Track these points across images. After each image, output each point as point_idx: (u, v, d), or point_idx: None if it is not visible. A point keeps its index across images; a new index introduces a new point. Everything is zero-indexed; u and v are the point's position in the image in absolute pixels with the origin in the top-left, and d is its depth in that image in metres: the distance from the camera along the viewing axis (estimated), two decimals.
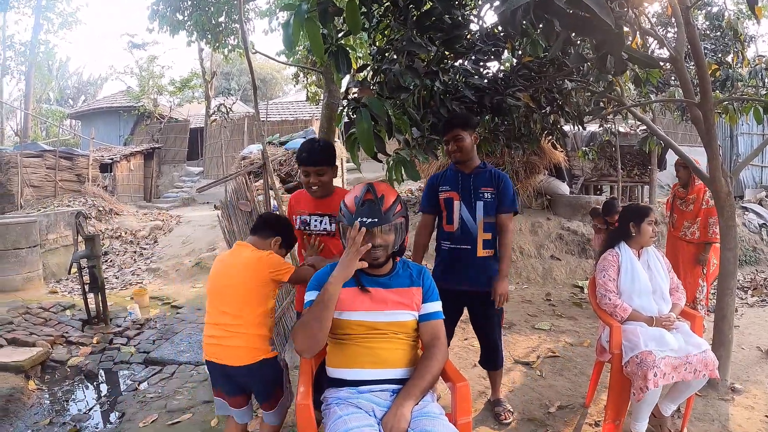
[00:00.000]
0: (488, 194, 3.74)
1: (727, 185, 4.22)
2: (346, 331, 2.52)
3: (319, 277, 2.63)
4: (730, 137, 13.92)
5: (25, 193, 13.81)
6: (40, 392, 5.17)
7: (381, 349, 2.51)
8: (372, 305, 2.54)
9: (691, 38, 3.88)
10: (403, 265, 2.72)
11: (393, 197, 2.55)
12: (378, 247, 2.49)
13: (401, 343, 2.55)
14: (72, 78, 42.96)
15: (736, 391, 4.28)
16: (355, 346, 2.53)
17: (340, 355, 2.57)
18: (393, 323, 2.53)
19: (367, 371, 2.49)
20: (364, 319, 2.50)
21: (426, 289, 2.66)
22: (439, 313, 2.64)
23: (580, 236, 9.01)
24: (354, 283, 2.56)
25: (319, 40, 2.54)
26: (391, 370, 2.51)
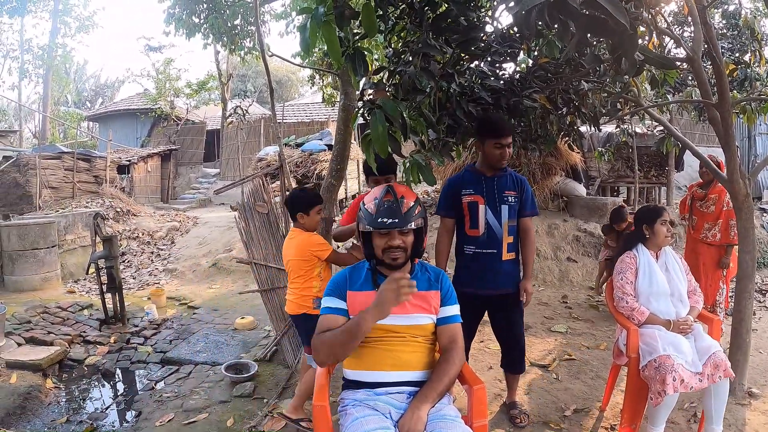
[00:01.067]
0: (512, 198, 3.77)
1: (745, 187, 4.18)
2: (368, 334, 2.48)
3: (337, 281, 2.64)
4: (748, 138, 13.81)
5: (44, 195, 13.93)
6: (57, 390, 5.23)
7: (400, 351, 2.52)
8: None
9: (708, 38, 3.85)
10: (421, 268, 2.72)
11: (413, 199, 2.57)
12: (397, 248, 2.50)
13: (420, 346, 2.56)
14: (89, 81, 43.37)
15: (754, 395, 4.23)
16: (374, 349, 2.53)
17: (359, 357, 2.56)
18: (412, 327, 2.54)
19: (386, 373, 2.51)
20: (384, 323, 2.45)
21: (444, 292, 2.66)
22: (457, 317, 2.64)
23: (597, 238, 8.94)
24: (372, 286, 2.57)
25: (335, 43, 2.54)
26: (410, 372, 2.52)
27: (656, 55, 2.67)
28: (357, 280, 2.64)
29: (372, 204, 2.55)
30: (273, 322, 5.46)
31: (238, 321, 6.63)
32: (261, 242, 5.42)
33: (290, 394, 4.56)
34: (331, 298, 2.58)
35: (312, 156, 14.69)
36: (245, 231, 5.41)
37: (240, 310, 7.41)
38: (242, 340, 6.17)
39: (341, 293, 2.58)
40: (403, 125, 2.77)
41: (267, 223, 5.42)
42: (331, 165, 5.22)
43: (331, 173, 5.19)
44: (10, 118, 35.31)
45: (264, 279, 5.42)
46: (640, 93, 4.85)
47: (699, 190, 5.99)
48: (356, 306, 2.52)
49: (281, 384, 4.79)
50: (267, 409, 4.33)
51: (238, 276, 9.54)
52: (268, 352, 5.43)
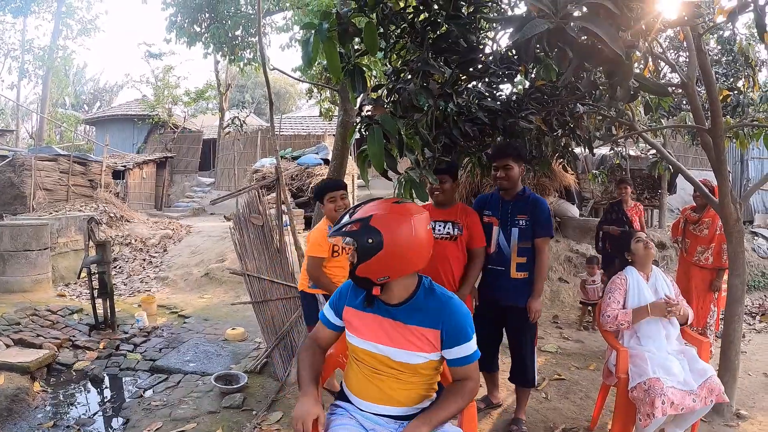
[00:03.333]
0: (523, 221, 4.01)
1: (736, 211, 4.24)
2: (358, 354, 2.36)
3: (339, 292, 2.46)
4: (740, 162, 13.91)
5: (38, 196, 13.90)
6: (44, 394, 5.20)
7: (387, 386, 2.31)
8: (377, 337, 2.29)
9: (702, 65, 3.92)
10: (426, 295, 2.32)
11: (358, 215, 2.23)
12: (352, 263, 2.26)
13: (412, 384, 2.32)
14: (88, 84, 43.36)
15: (742, 417, 4.26)
16: (364, 375, 2.35)
17: (352, 377, 2.44)
18: (400, 364, 2.27)
19: (373, 405, 2.34)
20: (371, 350, 2.29)
21: (452, 332, 2.25)
22: (473, 356, 2.28)
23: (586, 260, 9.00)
24: (364, 307, 2.32)
25: (336, 59, 2.59)
26: (397, 408, 2.33)
27: (651, 82, 2.72)
28: (358, 295, 2.36)
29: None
30: (264, 335, 5.45)
31: (229, 332, 6.61)
32: (255, 254, 5.44)
33: (279, 407, 4.56)
34: (329, 308, 2.48)
35: (308, 169, 14.73)
36: (239, 242, 5.43)
37: (231, 320, 7.39)
38: (232, 351, 6.15)
39: (338, 306, 2.42)
40: (400, 142, 2.79)
41: (261, 235, 5.44)
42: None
43: None
44: (7, 118, 35.23)
45: (257, 291, 5.43)
46: (634, 117, 4.91)
47: (692, 213, 6.05)
48: (354, 326, 2.34)
49: (270, 396, 4.78)
50: (256, 421, 4.33)
51: (230, 287, 9.52)
52: (258, 364, 5.42)
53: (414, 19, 3.16)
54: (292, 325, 5.35)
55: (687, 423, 3.54)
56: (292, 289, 5.41)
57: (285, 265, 5.57)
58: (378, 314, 2.30)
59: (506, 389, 4.87)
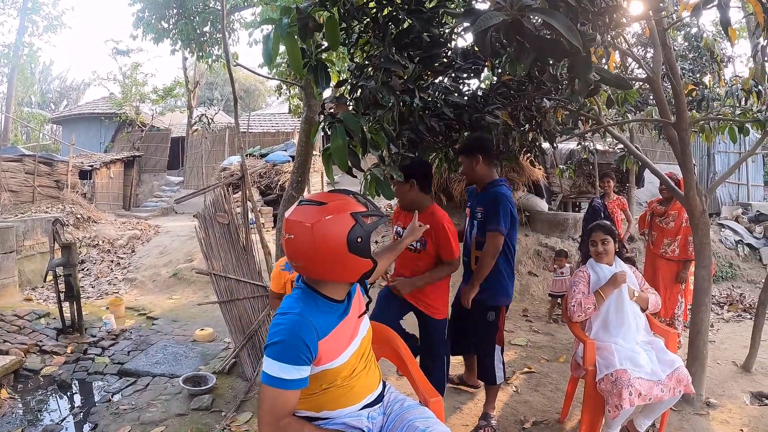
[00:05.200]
0: (480, 214, 3.96)
1: (701, 203, 4.29)
2: (339, 375, 2.14)
3: (302, 338, 1.98)
4: (707, 155, 14.12)
5: (3, 198, 13.61)
6: (12, 401, 5.09)
7: (365, 378, 2.25)
8: (353, 332, 2.21)
9: (668, 59, 3.96)
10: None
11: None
12: None
13: (370, 356, 2.33)
14: (55, 82, 42.61)
15: (711, 405, 4.33)
16: (343, 389, 2.18)
17: (324, 402, 2.18)
18: (365, 338, 2.27)
19: (347, 410, 2.21)
20: (351, 352, 2.16)
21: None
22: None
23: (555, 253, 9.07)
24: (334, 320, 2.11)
25: (297, 54, 2.55)
26: (369, 396, 2.27)
27: (612, 76, 2.73)
28: (319, 323, 2.04)
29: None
30: (232, 334, 5.39)
31: (198, 332, 6.54)
32: (221, 253, 5.38)
33: (248, 407, 4.52)
34: (294, 368, 1.97)
35: (276, 167, 14.65)
36: (205, 241, 5.36)
37: (200, 321, 7.31)
38: (201, 351, 6.09)
39: (312, 353, 1.99)
40: (363, 140, 2.77)
41: (227, 233, 5.38)
42: (293, 177, 5.22)
43: (292, 185, 5.18)
44: None
45: (223, 290, 5.37)
46: (600, 111, 4.95)
47: (659, 206, 6.12)
48: (332, 350, 2.08)
49: (240, 397, 4.73)
50: (225, 423, 4.28)
51: (199, 287, 9.41)
52: (226, 364, 5.37)
53: (377, 14, 3.14)
54: (260, 323, 5.30)
55: (656, 413, 3.58)
56: (259, 287, 5.37)
57: (251, 263, 5.51)
58: (343, 317, 2.17)
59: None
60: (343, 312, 2.17)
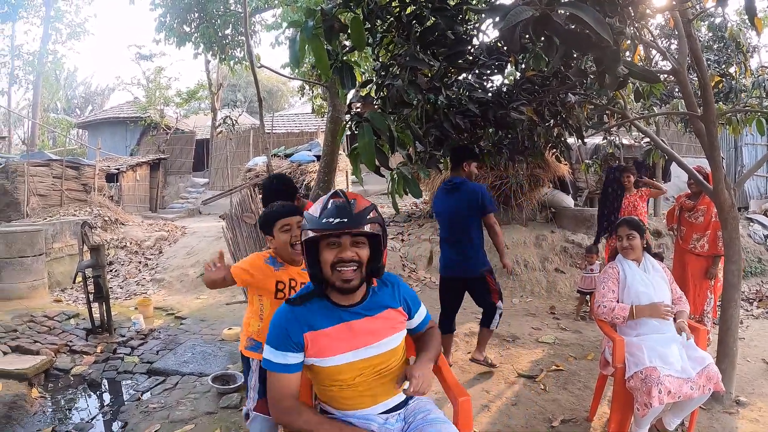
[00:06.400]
0: None
1: (730, 197, 4.22)
2: (335, 377, 2.22)
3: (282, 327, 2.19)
4: (734, 148, 13.92)
5: (32, 202, 13.84)
6: (43, 400, 5.18)
7: (375, 386, 2.27)
8: (358, 342, 2.21)
9: (693, 50, 3.90)
10: (378, 283, 2.36)
11: (366, 203, 2.15)
12: (349, 263, 2.11)
13: (392, 370, 2.30)
14: (79, 88, 43.19)
15: (741, 404, 4.25)
16: (346, 390, 2.25)
17: (332, 399, 2.31)
18: (385, 354, 2.26)
19: (366, 410, 2.28)
20: (352, 360, 2.19)
21: (407, 305, 2.41)
22: (427, 318, 2.54)
23: (584, 249, 8.99)
24: (333, 321, 2.20)
25: (324, 56, 2.57)
26: (388, 400, 2.31)
27: (640, 69, 2.70)
28: (312, 317, 2.19)
29: (317, 206, 2.14)
30: None
31: (226, 332, 6.59)
32: (248, 252, 5.41)
33: None
34: (276, 352, 2.16)
35: (301, 167, 14.73)
36: (232, 241, 5.41)
37: (227, 320, 7.37)
38: (229, 351, 6.13)
39: (293, 341, 2.15)
40: (391, 138, 2.77)
41: (255, 233, 5.42)
42: (319, 176, 5.24)
43: (319, 184, 5.21)
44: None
45: None
46: (626, 105, 4.90)
47: (688, 200, 6.03)
48: (322, 347, 2.16)
49: None
50: None
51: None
52: None
53: (400, 13, 3.14)
54: None
55: (685, 411, 3.54)
56: None
57: None
58: (346, 321, 2.21)
59: (504, 382, 4.88)
60: (346, 317, 2.21)
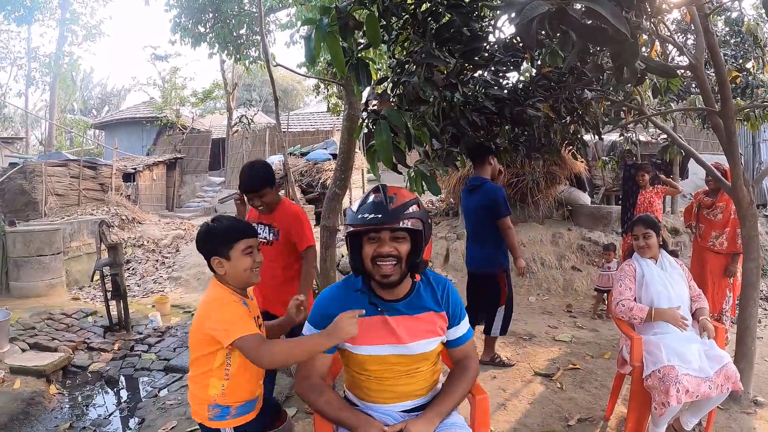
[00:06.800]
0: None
1: (749, 194, 4.17)
2: (364, 366, 2.27)
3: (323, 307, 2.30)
4: (752, 144, 13.78)
5: (49, 202, 13.95)
6: (60, 396, 5.24)
7: (403, 384, 2.29)
8: (392, 338, 2.23)
9: (710, 45, 3.86)
10: (425, 283, 2.36)
11: (407, 198, 2.15)
12: (387, 257, 2.12)
13: (422, 374, 2.32)
14: (96, 89, 43.56)
15: (759, 404, 4.20)
16: (373, 382, 2.30)
17: (356, 387, 2.37)
18: (417, 356, 2.26)
19: (387, 406, 2.30)
20: (384, 354, 2.23)
21: (452, 311, 2.35)
22: (468, 334, 2.41)
23: (601, 247, 8.93)
24: (372, 312, 2.24)
25: (339, 54, 2.57)
26: (412, 401, 2.31)
27: (658, 64, 2.68)
28: (353, 304, 2.23)
29: (357, 201, 2.19)
30: None
31: None
32: None
33: (294, 402, 4.56)
34: (314, 329, 2.27)
35: (317, 165, 14.77)
36: None
37: None
38: None
39: (327, 323, 2.17)
40: (408, 135, 2.77)
41: None
42: (336, 174, 5.23)
43: (336, 182, 5.19)
44: (16, 125, 35.48)
45: None
46: (643, 101, 4.86)
47: (706, 198, 5.96)
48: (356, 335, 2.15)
49: (284, 392, 4.77)
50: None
51: None
52: None
53: (416, 10, 3.13)
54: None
55: (703, 411, 3.50)
56: None
57: None
58: (384, 315, 2.24)
59: (520, 380, 4.86)
60: (384, 311, 2.24)
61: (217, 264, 2.41)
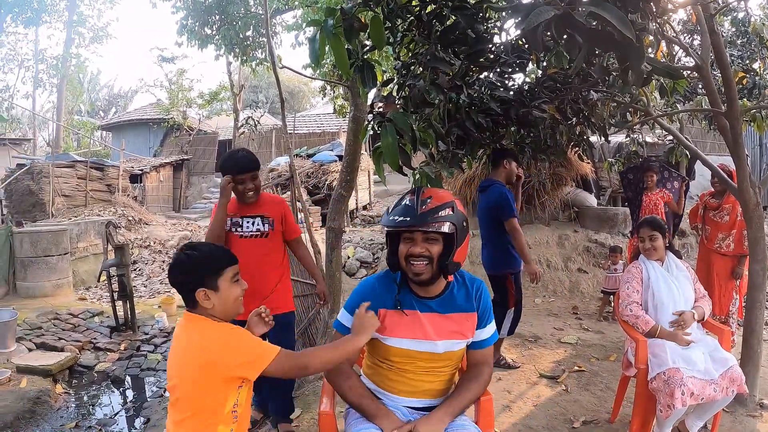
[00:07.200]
0: None
1: (755, 195, 4.15)
2: (388, 356, 2.33)
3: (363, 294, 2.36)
4: (759, 146, 13.73)
5: (57, 202, 14.02)
6: (66, 396, 5.27)
7: (421, 381, 2.34)
8: (421, 334, 2.28)
9: (716, 46, 3.85)
10: (458, 283, 2.41)
11: (443, 201, 2.20)
12: (418, 257, 2.18)
13: (444, 374, 2.38)
14: (103, 90, 43.75)
15: (765, 407, 4.17)
16: (393, 372, 2.35)
17: (375, 374, 2.42)
18: (441, 354, 2.31)
19: (401, 398, 2.36)
20: (410, 348, 2.28)
21: (482, 312, 2.39)
22: (492, 338, 2.43)
23: (608, 249, 8.91)
24: (405, 306, 2.31)
25: (344, 55, 2.58)
26: (427, 399, 2.36)
27: (663, 65, 2.68)
28: (389, 295, 2.33)
29: (393, 202, 2.27)
30: None
31: None
32: None
33: (298, 403, 4.56)
34: (349, 315, 2.32)
35: (323, 167, 14.80)
36: None
37: None
38: None
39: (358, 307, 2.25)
40: (413, 138, 2.78)
41: None
42: (341, 176, 5.23)
43: (341, 184, 5.19)
44: (24, 127, 35.68)
45: None
46: (649, 102, 4.85)
47: (712, 199, 5.93)
48: (387, 326, 2.29)
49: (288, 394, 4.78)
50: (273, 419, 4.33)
51: None
52: None
53: (421, 12, 3.13)
54: (310, 321, 5.35)
55: (708, 414, 3.49)
56: (310, 285, 5.42)
57: None
58: (417, 311, 2.31)
59: (525, 382, 4.85)
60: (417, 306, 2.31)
61: (203, 297, 2.09)
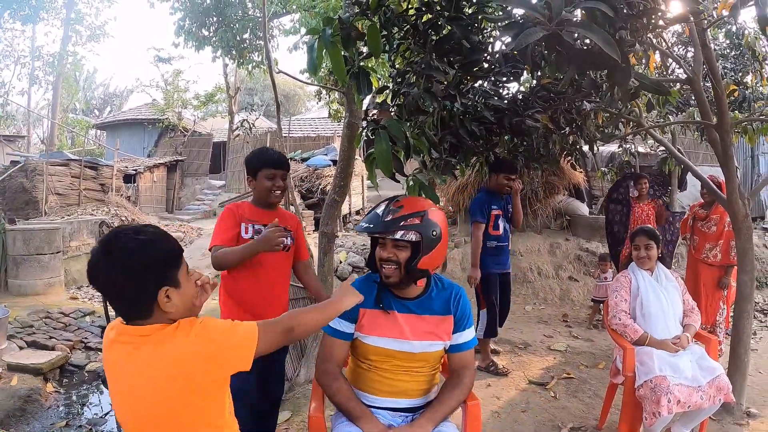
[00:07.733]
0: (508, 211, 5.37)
1: (744, 207, 4.21)
2: (367, 356, 2.40)
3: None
4: (751, 157, 13.81)
5: (50, 201, 13.95)
6: (57, 395, 5.27)
7: (399, 380, 2.40)
8: (397, 333, 2.36)
9: (708, 59, 3.91)
10: (437, 286, 2.49)
11: (412, 210, 2.26)
12: (386, 261, 2.28)
13: (422, 375, 2.43)
14: (98, 89, 43.62)
15: (752, 415, 4.23)
16: (372, 373, 2.41)
17: (357, 376, 2.48)
18: (419, 355, 2.37)
19: (382, 399, 2.41)
20: (387, 347, 2.35)
21: (459, 316, 2.45)
22: (471, 342, 2.47)
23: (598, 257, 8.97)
24: (378, 305, 2.38)
25: (341, 63, 2.63)
26: (407, 400, 2.42)
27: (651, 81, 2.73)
28: (369, 296, 2.37)
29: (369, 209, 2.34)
30: None
31: None
32: None
33: (288, 407, 4.58)
34: (337, 319, 2.31)
35: (317, 171, 14.82)
36: None
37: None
38: None
39: (351, 312, 2.20)
40: (407, 145, 2.82)
41: None
42: (335, 181, 5.25)
43: (335, 189, 5.21)
44: (18, 124, 35.49)
45: None
46: (641, 113, 4.90)
47: (700, 210, 5.99)
48: (366, 324, 2.37)
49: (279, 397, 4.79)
50: None
51: None
52: None
53: (417, 22, 3.18)
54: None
55: (695, 422, 3.53)
56: (302, 290, 5.44)
57: None
58: (395, 311, 2.38)
59: (514, 388, 4.89)
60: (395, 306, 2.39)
61: (164, 297, 1.62)
